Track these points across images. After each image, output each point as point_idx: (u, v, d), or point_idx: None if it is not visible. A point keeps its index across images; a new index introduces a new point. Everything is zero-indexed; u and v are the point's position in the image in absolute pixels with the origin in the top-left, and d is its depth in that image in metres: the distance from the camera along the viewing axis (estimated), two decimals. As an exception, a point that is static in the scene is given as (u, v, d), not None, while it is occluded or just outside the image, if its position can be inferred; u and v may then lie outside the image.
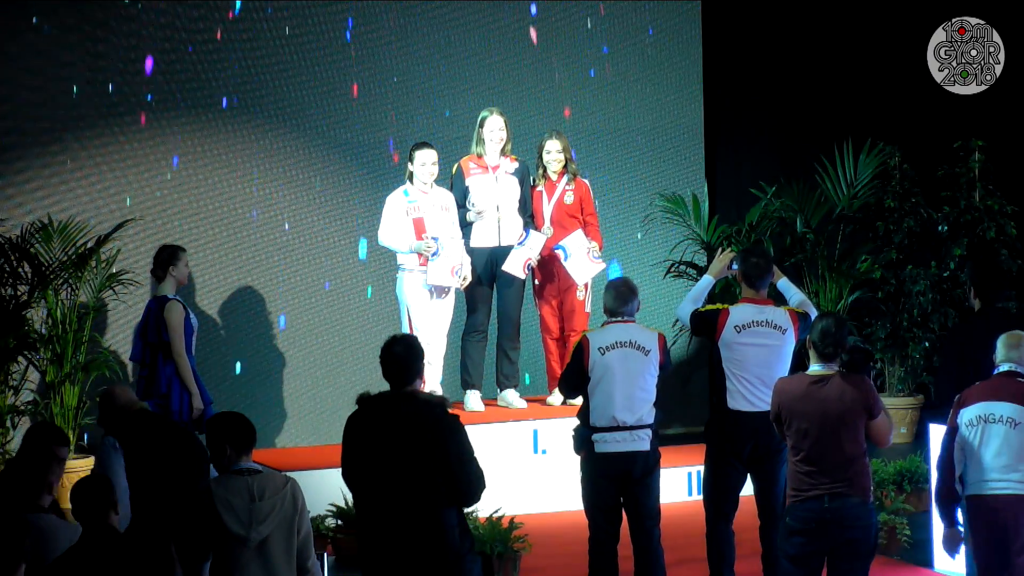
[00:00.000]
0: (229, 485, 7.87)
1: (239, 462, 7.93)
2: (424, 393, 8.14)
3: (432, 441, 7.85)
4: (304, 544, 7.92)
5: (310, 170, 14.65)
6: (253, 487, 7.85)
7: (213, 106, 14.43)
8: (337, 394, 14.47)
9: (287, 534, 7.87)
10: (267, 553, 7.83)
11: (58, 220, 13.63)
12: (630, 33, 15.33)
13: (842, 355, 8.80)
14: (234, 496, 7.83)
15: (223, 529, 7.79)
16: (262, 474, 7.94)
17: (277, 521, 7.84)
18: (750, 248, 11.62)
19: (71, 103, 14.12)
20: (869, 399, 8.70)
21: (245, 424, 8.03)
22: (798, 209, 14.90)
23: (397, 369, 8.12)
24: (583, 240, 13.11)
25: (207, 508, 7.83)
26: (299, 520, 7.91)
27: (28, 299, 13.44)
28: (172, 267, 12.25)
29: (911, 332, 14.91)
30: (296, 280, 14.62)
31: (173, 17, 14.25)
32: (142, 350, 12.18)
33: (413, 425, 7.91)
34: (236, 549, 7.81)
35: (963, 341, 10.39)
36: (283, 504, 7.86)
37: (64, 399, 13.47)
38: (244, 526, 7.80)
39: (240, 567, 7.80)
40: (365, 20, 14.68)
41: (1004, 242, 14.85)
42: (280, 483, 7.93)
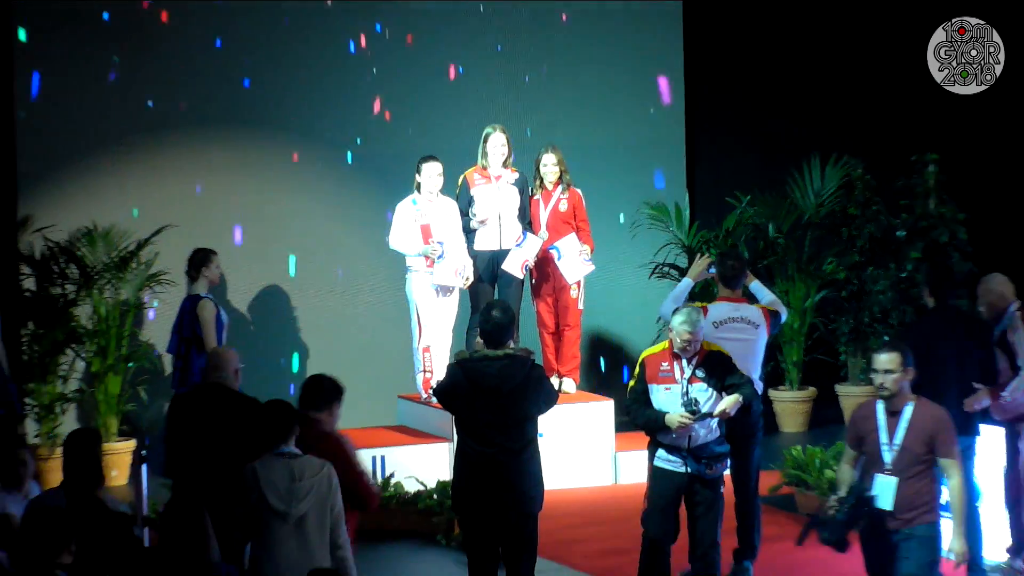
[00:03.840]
0: (272, 466, 7.93)
1: (282, 446, 8.00)
2: (514, 348, 8.94)
3: (529, 387, 8.80)
4: (336, 522, 7.96)
5: (328, 180, 14.69)
6: (294, 469, 7.90)
7: (241, 122, 14.47)
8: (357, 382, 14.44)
9: (322, 512, 7.91)
10: (304, 529, 7.87)
11: (102, 226, 13.68)
12: (620, 59, 15.32)
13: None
14: (276, 476, 7.89)
15: (266, 506, 7.85)
16: (302, 457, 7.99)
17: (313, 500, 7.88)
18: (726, 252, 11.66)
19: (113, 118, 14.16)
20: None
21: (288, 412, 8.09)
22: (770, 216, 14.93)
23: (495, 330, 8.90)
24: (575, 243, 13.14)
25: (253, 487, 7.89)
26: (332, 499, 7.94)
27: (75, 297, 13.50)
28: (205, 268, 12.32)
29: (872, 327, 14.93)
30: (314, 280, 14.66)
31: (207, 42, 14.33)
32: (177, 344, 12.24)
33: (513, 375, 8.73)
34: (276, 524, 7.86)
35: (918, 335, 10.42)
36: (319, 485, 7.91)
37: (108, 388, 13.52)
38: (284, 503, 7.85)
39: (279, 541, 7.85)
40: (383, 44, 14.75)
41: (956, 246, 14.85)
42: (318, 466, 7.97)
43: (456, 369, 9.08)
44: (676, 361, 9.14)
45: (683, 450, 9.17)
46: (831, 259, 14.95)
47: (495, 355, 8.93)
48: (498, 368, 8.84)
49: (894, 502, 8.03)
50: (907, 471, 8.02)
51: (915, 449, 8.03)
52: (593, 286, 13.80)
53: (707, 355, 9.16)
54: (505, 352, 8.95)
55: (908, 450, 8.04)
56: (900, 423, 8.06)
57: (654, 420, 9.13)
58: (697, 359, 9.13)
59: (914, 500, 8.03)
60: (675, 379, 9.13)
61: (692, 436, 9.14)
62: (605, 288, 14.58)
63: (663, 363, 9.17)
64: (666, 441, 9.20)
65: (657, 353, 9.24)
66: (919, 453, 8.03)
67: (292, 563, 7.81)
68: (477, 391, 8.82)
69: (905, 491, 8.01)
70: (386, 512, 11.86)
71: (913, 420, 8.07)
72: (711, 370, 9.11)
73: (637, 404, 9.24)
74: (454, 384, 9.02)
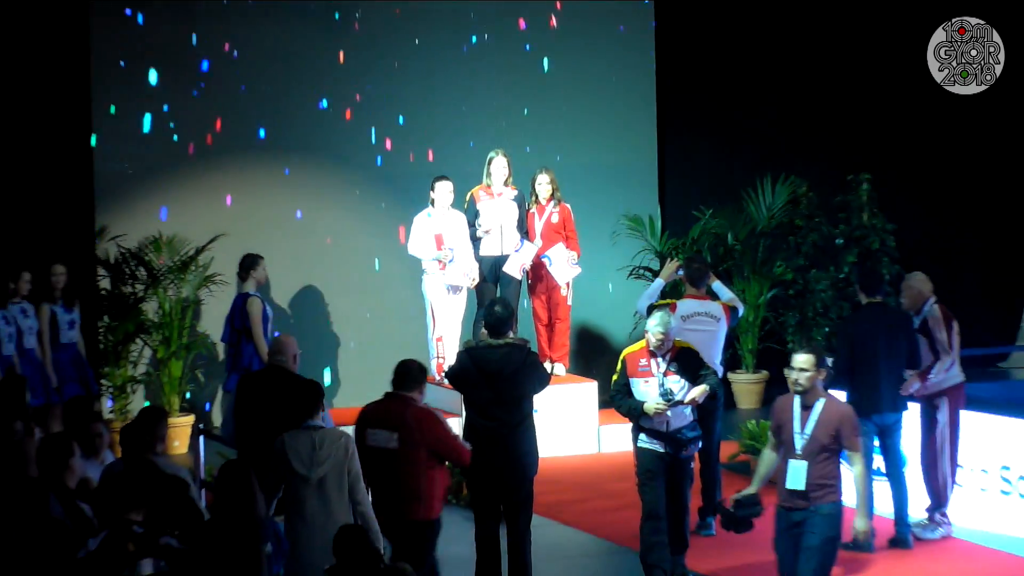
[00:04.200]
0: (298, 437, 7.94)
1: (308, 420, 8.00)
2: (513, 338, 8.93)
3: (525, 370, 8.83)
4: (354, 482, 7.94)
5: (355, 192, 14.69)
6: (315, 439, 7.91)
7: (279, 146, 14.48)
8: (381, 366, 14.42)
9: (340, 475, 7.89)
10: (324, 489, 7.88)
11: (166, 235, 13.69)
12: (601, 95, 15.27)
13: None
14: (301, 446, 7.90)
15: (291, 470, 7.87)
16: (323, 429, 8.00)
17: (331, 464, 7.87)
18: (692, 256, 11.68)
19: (175, 141, 14.16)
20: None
21: (314, 392, 8.08)
22: (729, 227, 14.91)
23: (498, 323, 8.88)
24: (564, 251, 13.14)
25: (281, 455, 7.91)
26: (349, 463, 7.91)
27: (143, 295, 13.51)
28: (253, 270, 12.31)
29: (815, 321, 14.91)
30: (344, 281, 14.66)
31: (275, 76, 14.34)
32: (230, 334, 12.23)
33: (512, 361, 8.73)
34: (300, 485, 7.87)
35: (853, 327, 10.46)
36: (337, 452, 7.90)
37: (171, 371, 13.53)
38: (306, 467, 7.86)
39: (303, 500, 7.87)
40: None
41: (885, 252, 14.82)
42: (336, 436, 7.98)
43: (464, 355, 9.08)
44: (653, 358, 9.06)
45: (661, 434, 9.12)
46: (780, 263, 14.93)
47: (497, 344, 8.93)
48: (500, 355, 8.85)
49: (805, 483, 7.87)
50: (814, 457, 7.84)
51: (822, 439, 7.85)
52: (580, 286, 13.80)
53: (679, 351, 9.09)
54: (506, 341, 8.95)
55: (816, 439, 7.86)
56: (811, 416, 7.88)
57: (636, 409, 9.04)
58: (670, 355, 9.07)
59: (820, 481, 7.85)
60: (652, 373, 9.04)
61: (668, 421, 9.07)
62: (590, 287, 14.56)
63: (641, 360, 9.10)
64: (647, 426, 9.12)
65: (636, 351, 9.17)
66: (825, 443, 7.86)
67: (315, 519, 7.83)
68: (482, 374, 8.83)
69: (812, 474, 7.84)
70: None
71: (822, 414, 7.88)
72: (683, 364, 9.05)
73: (620, 395, 9.14)
74: (463, 368, 9.02)
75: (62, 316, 11.90)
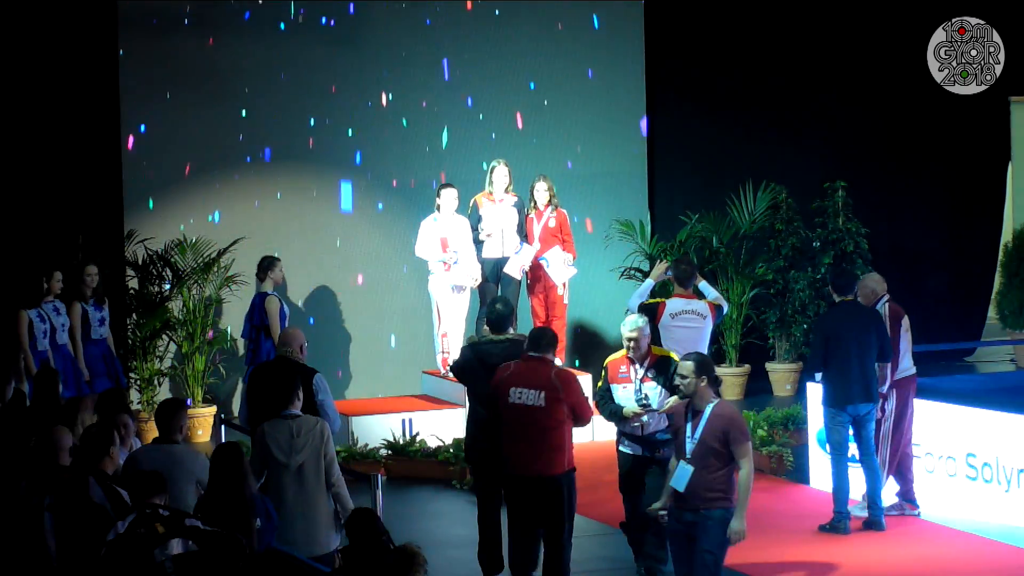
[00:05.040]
0: (277, 426, 7.91)
1: (286, 409, 7.97)
2: (513, 334, 8.90)
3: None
4: (330, 465, 7.88)
5: (370, 198, 14.70)
6: (293, 427, 7.87)
7: (301, 154, 14.50)
8: (390, 360, 14.50)
9: (317, 460, 7.84)
10: (303, 476, 7.83)
11: (190, 238, 13.71)
12: (595, 110, 15.24)
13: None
14: (280, 434, 7.86)
15: (271, 457, 7.84)
16: (301, 417, 7.95)
17: (310, 451, 7.82)
18: (680, 258, 11.64)
19: (199, 152, 14.18)
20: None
21: (289, 383, 8.03)
22: (714, 230, 14.91)
23: (499, 320, 8.88)
24: (560, 254, 13.15)
25: (262, 443, 7.89)
26: (325, 448, 7.86)
27: (169, 294, 13.52)
28: (270, 271, 12.33)
29: (794, 318, 14.92)
30: (355, 281, 14.67)
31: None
32: (249, 331, 12.26)
33: (513, 355, 8.58)
34: (280, 472, 7.83)
35: (828, 324, 10.47)
36: (313, 438, 7.85)
37: (195, 365, 13.54)
38: (286, 455, 7.82)
39: (283, 487, 7.82)
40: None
41: (859, 254, 14.81)
42: (312, 423, 7.94)
43: (468, 350, 9.10)
44: (631, 365, 8.90)
45: (638, 437, 8.97)
46: (762, 264, 14.94)
47: (499, 339, 8.95)
48: (501, 349, 8.86)
49: (687, 486, 7.61)
50: (703, 461, 7.58)
51: (710, 443, 7.57)
52: (576, 285, 13.83)
53: (657, 360, 8.92)
54: (506, 337, 8.97)
55: (704, 443, 7.57)
56: (701, 420, 7.62)
57: (616, 413, 8.93)
58: (648, 362, 8.92)
59: (711, 486, 7.58)
60: (630, 379, 8.90)
61: (644, 425, 8.91)
62: (585, 287, 14.58)
63: (621, 367, 8.95)
64: (626, 430, 8.99)
65: (617, 359, 9.02)
66: (714, 447, 7.57)
67: (295, 504, 7.78)
68: (484, 367, 8.84)
69: (701, 479, 7.57)
70: (413, 462, 11.93)
71: (711, 418, 7.61)
72: (659, 371, 8.89)
73: (603, 400, 9.00)
74: (466, 362, 9.04)
75: (93, 314, 11.93)
